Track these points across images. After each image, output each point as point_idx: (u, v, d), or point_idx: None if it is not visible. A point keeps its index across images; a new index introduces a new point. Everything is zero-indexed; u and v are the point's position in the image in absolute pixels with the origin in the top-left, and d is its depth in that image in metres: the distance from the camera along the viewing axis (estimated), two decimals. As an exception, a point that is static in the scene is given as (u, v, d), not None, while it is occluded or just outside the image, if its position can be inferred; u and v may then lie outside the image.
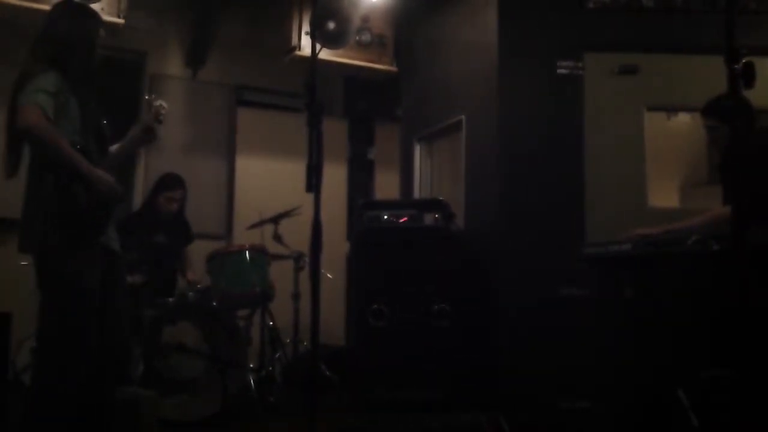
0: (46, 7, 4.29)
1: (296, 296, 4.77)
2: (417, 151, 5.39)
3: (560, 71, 4.29)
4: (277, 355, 4.66)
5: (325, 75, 5.34)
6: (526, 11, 4.39)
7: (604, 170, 4.26)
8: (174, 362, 4.10)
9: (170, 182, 4.73)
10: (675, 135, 4.87)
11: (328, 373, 4.63)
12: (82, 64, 2.92)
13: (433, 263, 4.19)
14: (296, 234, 4.65)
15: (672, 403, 2.93)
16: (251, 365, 4.45)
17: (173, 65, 5.78)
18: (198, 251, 4.90)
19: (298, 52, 5.22)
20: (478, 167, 4.59)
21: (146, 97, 3.35)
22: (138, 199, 5.38)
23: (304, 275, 4.61)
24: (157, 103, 3.10)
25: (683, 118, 4.82)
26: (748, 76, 2.03)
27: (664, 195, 4.64)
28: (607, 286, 3.42)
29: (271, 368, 4.55)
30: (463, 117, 4.75)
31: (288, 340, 4.78)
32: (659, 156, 4.45)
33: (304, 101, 2.86)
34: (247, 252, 4.51)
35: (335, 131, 6.11)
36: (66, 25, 2.92)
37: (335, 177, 6.13)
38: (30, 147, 2.80)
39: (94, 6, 4.46)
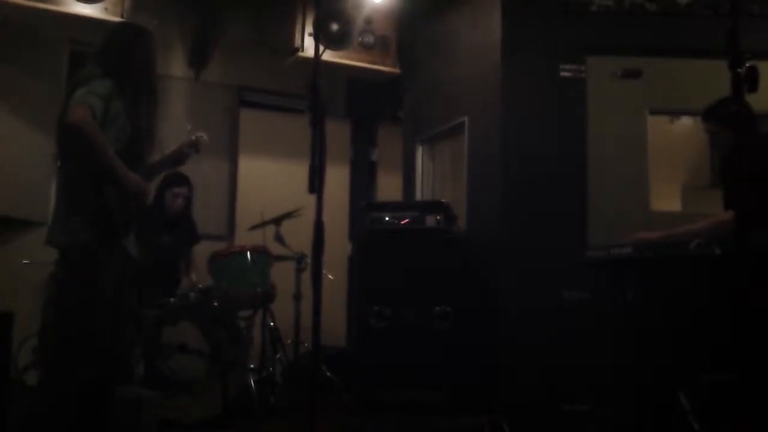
0: (47, 7, 4.35)
1: (297, 297, 4.77)
2: (419, 152, 5.39)
3: (563, 74, 4.29)
4: (278, 356, 4.66)
5: (328, 76, 5.34)
6: (530, 14, 4.39)
7: (606, 173, 4.26)
8: (175, 363, 4.11)
9: (175, 179, 4.74)
10: (677, 139, 4.87)
11: (329, 374, 4.63)
12: (139, 79, 3.09)
13: (435, 265, 4.19)
14: (298, 235, 4.64)
15: (673, 407, 2.93)
16: (252, 366, 4.45)
17: (176, 66, 5.78)
18: (200, 252, 4.91)
19: (301, 54, 5.22)
20: (480, 169, 4.59)
21: (188, 127, 3.54)
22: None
23: (306, 276, 4.61)
24: (199, 134, 3.40)
25: (686, 121, 4.82)
26: (751, 80, 2.03)
27: (666, 198, 4.64)
28: (609, 290, 3.42)
29: (271, 369, 4.55)
30: (465, 119, 4.75)
31: (289, 341, 4.78)
32: (662, 160, 4.44)
33: (307, 102, 2.87)
34: (248, 253, 4.52)
35: (338, 132, 6.11)
36: (125, 39, 3.12)
37: (337, 178, 6.13)
38: (72, 143, 2.91)
39: (97, 6, 4.51)
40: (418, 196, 5.33)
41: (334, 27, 5.26)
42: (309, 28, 5.18)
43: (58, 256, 2.96)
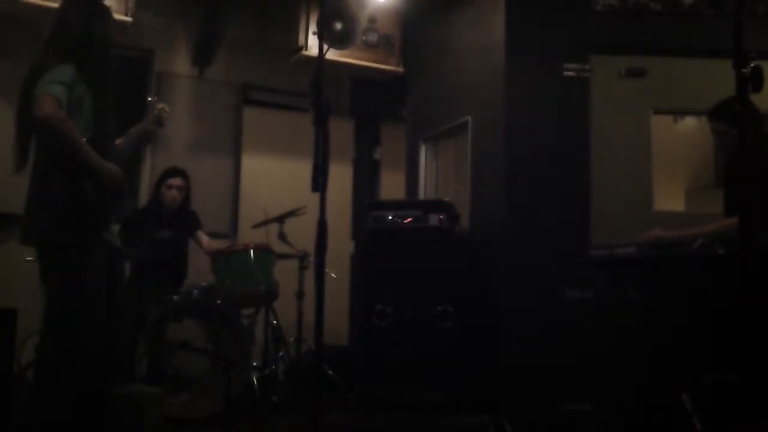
0: (48, 3, 4.34)
1: (300, 295, 4.77)
2: (423, 151, 5.39)
3: (567, 73, 4.29)
4: (280, 354, 4.67)
5: (332, 75, 5.34)
6: (534, 13, 4.39)
7: (609, 173, 4.25)
8: (178, 360, 4.11)
9: (170, 172, 4.73)
10: (681, 138, 4.87)
11: (331, 372, 4.63)
12: (98, 59, 2.93)
13: (438, 264, 4.19)
14: (301, 233, 4.65)
15: (675, 407, 2.93)
16: (255, 364, 4.46)
17: (180, 63, 5.78)
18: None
19: (305, 52, 5.23)
20: (483, 168, 4.59)
21: (149, 99, 3.37)
22: (144, 197, 5.39)
23: (309, 274, 4.61)
24: (159, 106, 3.16)
25: (690, 121, 4.82)
26: (756, 80, 2.02)
27: (669, 198, 4.64)
28: (612, 289, 3.42)
29: (274, 367, 4.56)
30: (469, 118, 4.75)
31: (291, 339, 4.79)
32: (665, 159, 4.44)
33: (311, 101, 2.87)
34: (252, 251, 4.51)
35: (341, 131, 6.11)
36: (80, 19, 2.93)
37: (341, 177, 6.13)
38: (42, 138, 2.82)
39: (101, 4, 4.50)
40: (421, 195, 5.33)
41: (338, 26, 5.26)
42: (313, 27, 5.19)
43: (36, 255, 2.86)
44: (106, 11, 3.06)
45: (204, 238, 4.82)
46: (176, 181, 4.70)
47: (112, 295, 2.94)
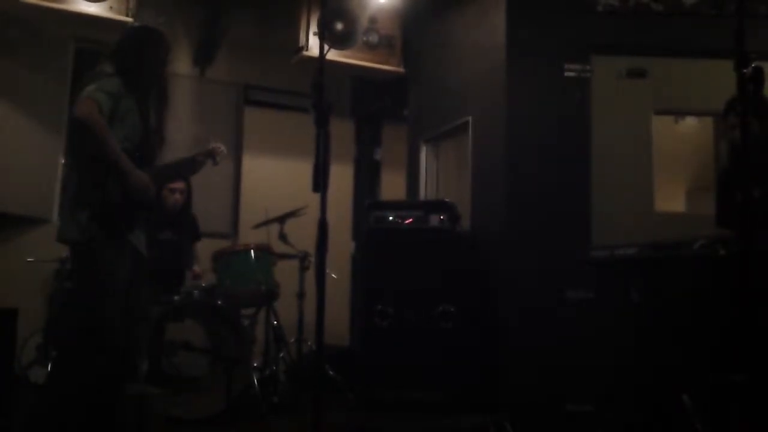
0: (48, 3, 4.36)
1: (301, 296, 4.77)
2: (423, 152, 5.39)
3: (568, 74, 4.29)
4: (281, 354, 4.67)
5: (333, 75, 5.34)
6: (535, 13, 4.39)
7: (610, 173, 4.25)
8: (179, 360, 4.11)
9: None
10: (682, 139, 4.87)
11: (331, 373, 4.63)
12: (147, 78, 3.12)
13: (439, 264, 4.19)
14: (302, 233, 4.65)
15: (677, 408, 2.92)
16: (255, 364, 4.46)
17: (181, 64, 5.79)
18: (204, 250, 4.91)
19: (306, 53, 5.23)
20: (484, 169, 4.59)
21: (209, 139, 3.56)
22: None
23: (310, 275, 4.61)
24: (218, 145, 3.39)
25: (690, 122, 4.82)
26: (757, 81, 2.02)
27: (670, 199, 4.64)
28: (614, 290, 3.42)
29: (275, 367, 4.56)
30: (470, 119, 4.75)
31: (292, 340, 4.79)
32: (666, 160, 4.43)
33: (312, 101, 2.87)
34: (252, 251, 4.51)
35: (342, 131, 6.11)
36: (136, 40, 3.13)
37: (342, 177, 6.13)
38: (77, 136, 2.97)
39: (102, 4, 4.52)
40: (422, 195, 5.33)
41: (339, 26, 5.26)
42: (314, 27, 5.19)
43: (69, 252, 2.99)
44: (163, 38, 3.21)
45: (196, 267, 4.84)
46: (179, 186, 4.71)
47: (132, 300, 3.00)
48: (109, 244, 2.88)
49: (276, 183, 5.81)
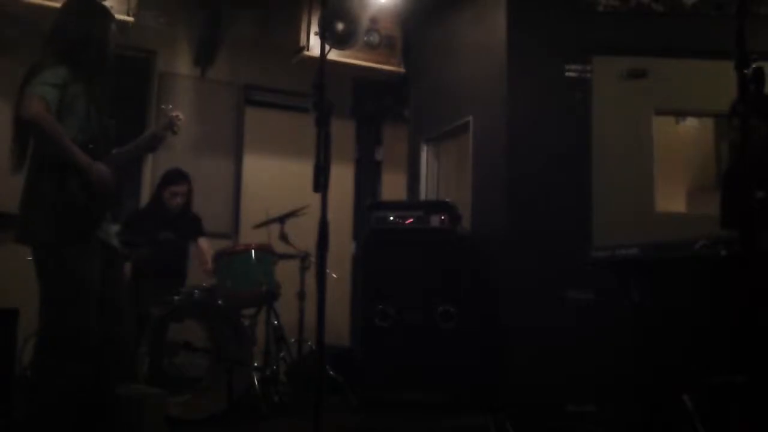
0: (48, 3, 4.34)
1: (302, 296, 4.78)
2: (424, 152, 5.39)
3: (568, 74, 4.28)
4: (281, 355, 4.67)
5: (334, 76, 5.34)
6: (535, 13, 4.38)
7: (611, 174, 4.25)
8: (180, 360, 4.12)
9: (174, 177, 4.74)
10: (683, 139, 4.86)
11: (332, 373, 4.64)
12: (95, 61, 2.93)
13: (439, 265, 4.19)
14: (302, 234, 4.65)
15: (678, 409, 2.92)
16: (256, 364, 4.46)
17: (182, 64, 5.79)
18: (204, 249, 4.91)
19: (306, 53, 5.23)
20: (485, 169, 4.59)
21: (162, 107, 3.40)
22: (146, 198, 5.39)
23: (310, 275, 4.62)
24: (174, 113, 3.18)
25: (692, 122, 4.81)
26: (758, 81, 2.02)
27: (671, 199, 4.63)
28: (614, 290, 3.41)
29: (275, 367, 4.56)
30: (470, 119, 4.75)
31: (293, 340, 4.79)
32: (667, 160, 4.43)
33: (313, 101, 2.87)
34: (253, 251, 4.52)
35: (343, 131, 6.11)
36: (78, 21, 2.93)
37: (342, 177, 6.13)
38: (29, 137, 2.82)
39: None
40: (423, 195, 5.32)
41: (340, 26, 5.26)
42: (315, 27, 5.19)
43: (32, 255, 2.85)
44: (106, 13, 3.05)
45: (204, 244, 4.83)
46: (180, 189, 4.71)
47: (110, 294, 2.91)
48: (70, 246, 2.76)
49: (276, 183, 5.81)
